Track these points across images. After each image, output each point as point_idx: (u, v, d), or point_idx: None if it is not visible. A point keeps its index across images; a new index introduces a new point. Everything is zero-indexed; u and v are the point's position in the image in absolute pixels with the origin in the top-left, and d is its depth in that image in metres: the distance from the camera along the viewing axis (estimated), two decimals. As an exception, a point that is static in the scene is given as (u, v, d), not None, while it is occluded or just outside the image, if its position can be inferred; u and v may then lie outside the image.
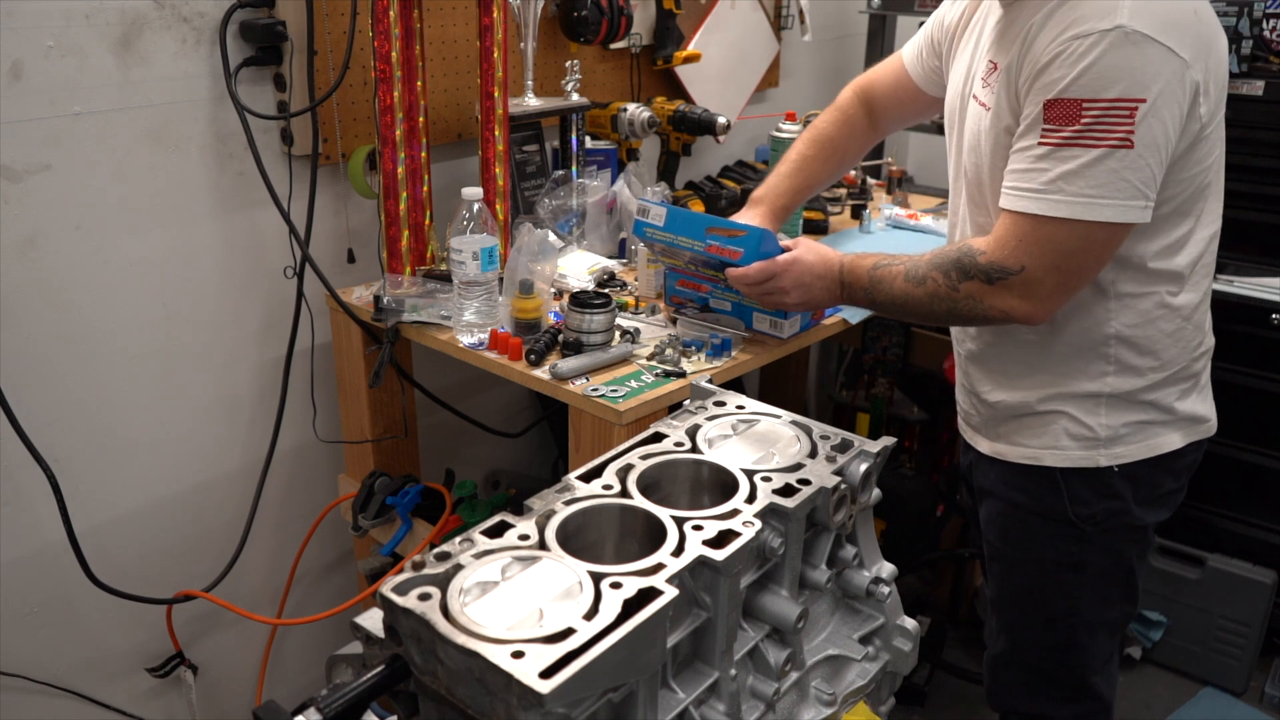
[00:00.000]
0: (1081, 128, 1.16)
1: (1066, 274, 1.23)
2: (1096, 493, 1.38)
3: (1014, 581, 1.52)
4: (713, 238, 1.54)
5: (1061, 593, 1.46)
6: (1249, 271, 2.29)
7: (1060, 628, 1.48)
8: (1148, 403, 1.35)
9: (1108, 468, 1.37)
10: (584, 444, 1.52)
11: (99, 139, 1.58)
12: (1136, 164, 1.15)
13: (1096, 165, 1.16)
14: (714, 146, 2.59)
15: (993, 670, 1.61)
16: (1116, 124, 1.14)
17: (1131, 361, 1.34)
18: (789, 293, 1.48)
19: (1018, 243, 1.23)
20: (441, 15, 1.96)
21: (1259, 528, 2.39)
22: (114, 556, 1.73)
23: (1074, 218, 1.18)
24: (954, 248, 1.32)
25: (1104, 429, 1.36)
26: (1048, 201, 1.19)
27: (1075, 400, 1.36)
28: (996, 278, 1.25)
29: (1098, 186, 1.16)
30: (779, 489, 0.90)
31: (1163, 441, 1.37)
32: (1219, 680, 2.42)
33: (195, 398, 1.81)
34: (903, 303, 1.36)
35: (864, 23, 2.95)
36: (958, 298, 1.29)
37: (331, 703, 0.73)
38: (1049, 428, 1.39)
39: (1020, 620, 1.54)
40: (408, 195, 1.76)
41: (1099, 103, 1.14)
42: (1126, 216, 1.18)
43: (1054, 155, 1.18)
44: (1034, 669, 1.54)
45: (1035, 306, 1.25)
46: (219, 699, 1.98)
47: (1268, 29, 2.20)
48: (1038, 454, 1.40)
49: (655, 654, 0.75)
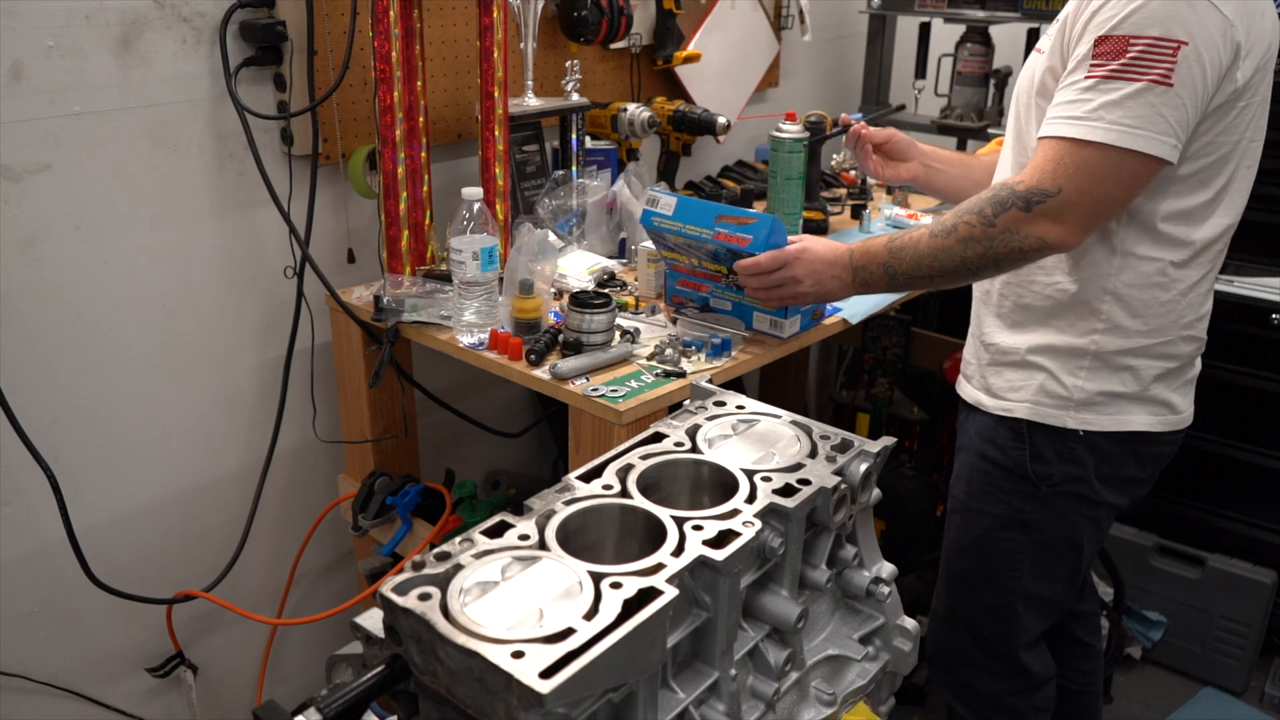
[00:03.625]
0: (1127, 61, 1.22)
1: (1099, 200, 1.27)
2: (1058, 454, 1.44)
3: (966, 533, 1.57)
4: (722, 225, 1.54)
5: (1007, 551, 1.52)
6: (1249, 271, 2.29)
7: (999, 589, 1.54)
8: (1125, 368, 1.40)
9: (1073, 430, 1.42)
10: (584, 444, 1.52)
11: (99, 139, 1.58)
12: (1173, 102, 1.21)
13: (1136, 98, 1.22)
14: (714, 146, 2.59)
15: (934, 630, 1.67)
16: (1158, 60, 1.21)
17: (1120, 321, 1.38)
18: (801, 281, 1.49)
19: (1055, 165, 1.27)
20: (441, 15, 1.96)
21: (1259, 528, 2.39)
22: (114, 556, 1.73)
23: (1110, 143, 1.23)
24: (988, 191, 1.35)
25: (1079, 391, 1.41)
26: (1087, 126, 1.24)
27: (1060, 355, 1.42)
28: (1035, 201, 1.28)
29: (1135, 117, 1.22)
30: (779, 489, 0.90)
31: (1131, 419, 1.42)
32: (1219, 680, 2.42)
33: (195, 398, 1.81)
34: (930, 260, 1.37)
35: (864, 23, 2.95)
36: (994, 233, 1.32)
37: (331, 703, 0.73)
38: (1028, 381, 1.44)
39: (964, 574, 1.59)
40: (408, 195, 1.76)
41: (1143, 39, 1.21)
42: (1158, 150, 1.23)
43: (1099, 87, 1.24)
44: (971, 630, 1.61)
45: (1067, 231, 1.28)
46: (219, 699, 1.99)
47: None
48: (1011, 405, 1.46)
49: (655, 654, 0.75)
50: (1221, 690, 2.41)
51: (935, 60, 2.81)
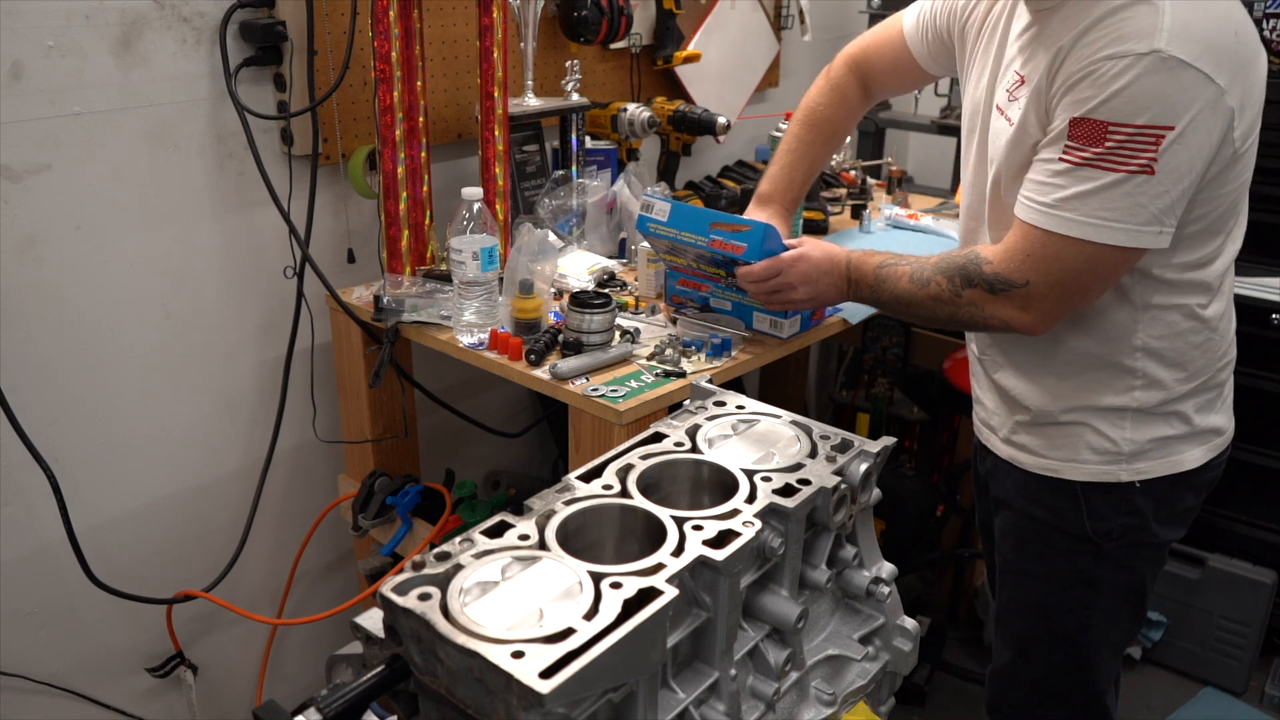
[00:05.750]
0: (1104, 150, 1.13)
1: (1070, 292, 1.22)
2: (1116, 508, 1.36)
3: (1025, 596, 1.49)
4: (716, 233, 1.53)
5: (1072, 610, 1.43)
6: (1249, 271, 2.29)
7: (1067, 645, 1.46)
8: (1173, 414, 1.33)
9: (1129, 483, 1.34)
10: (584, 444, 1.51)
11: (99, 139, 1.58)
12: (1156, 190, 1.13)
13: (1114, 189, 1.14)
14: (714, 146, 2.59)
15: (996, 685, 1.59)
16: (1140, 150, 1.12)
17: (1158, 375, 1.31)
18: (796, 288, 1.48)
19: (1025, 257, 1.22)
20: (441, 15, 1.96)
21: (1259, 528, 2.39)
22: (114, 556, 1.73)
23: (1084, 238, 1.16)
24: (961, 254, 1.31)
25: (1128, 443, 1.33)
26: (1059, 219, 1.18)
27: (1099, 413, 1.34)
28: (1000, 289, 1.25)
29: (1111, 209, 1.14)
30: (779, 489, 0.90)
31: (1185, 457, 1.35)
32: (1219, 680, 2.42)
33: (195, 398, 1.81)
34: (906, 303, 1.36)
35: (864, 23, 2.95)
36: (960, 303, 1.29)
37: (331, 703, 0.72)
38: (1070, 439, 1.36)
39: (1027, 635, 1.51)
40: (408, 195, 1.76)
41: (1126, 128, 1.11)
42: (1138, 241, 1.16)
43: (1073, 174, 1.16)
44: (1039, 684, 1.52)
45: (1035, 319, 1.24)
46: (219, 699, 1.98)
47: (1268, 29, 2.20)
48: (1057, 466, 1.38)
49: (655, 654, 0.75)
50: (1221, 690, 2.41)
51: (935, 60, 2.80)
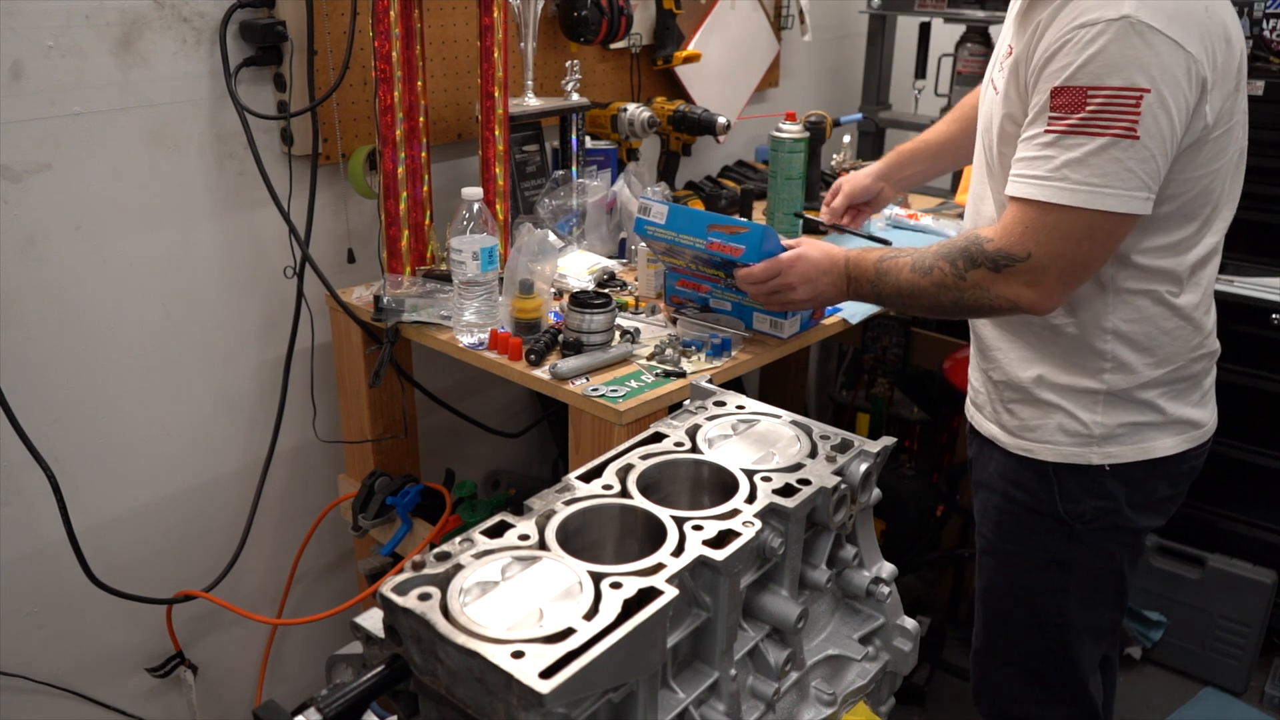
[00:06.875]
0: (1086, 115, 1.16)
1: (1072, 262, 1.23)
2: (1087, 491, 1.39)
3: (1003, 577, 1.52)
4: (714, 235, 1.53)
5: (1048, 591, 1.46)
6: (1249, 271, 2.28)
7: (1048, 630, 1.48)
8: (1143, 402, 1.35)
9: (1099, 466, 1.37)
10: (584, 444, 1.51)
11: (99, 139, 1.58)
12: (1141, 154, 1.16)
13: (1101, 154, 1.16)
14: (714, 146, 2.59)
15: (980, 668, 1.62)
16: (1121, 113, 1.15)
17: (1127, 358, 1.34)
18: (796, 289, 1.48)
19: (1024, 230, 1.23)
20: (441, 15, 1.96)
21: (1259, 528, 2.39)
22: (114, 556, 1.73)
23: (1079, 205, 1.18)
24: (961, 237, 1.32)
25: (1098, 426, 1.36)
26: (1053, 188, 1.19)
27: (1072, 395, 1.37)
28: (1003, 265, 1.25)
29: (1101, 175, 1.17)
30: (779, 489, 0.90)
31: (1156, 445, 1.37)
32: (1219, 680, 2.42)
33: (195, 398, 1.81)
34: (909, 293, 1.36)
35: (864, 23, 2.95)
36: (964, 286, 1.29)
37: (331, 703, 0.72)
38: (1044, 419, 1.39)
39: (1006, 617, 1.54)
40: (408, 195, 1.76)
41: (1103, 90, 1.15)
42: (1130, 207, 1.18)
43: (1059, 143, 1.19)
44: (1023, 668, 1.55)
45: (1041, 295, 1.25)
46: (219, 699, 1.98)
47: (1268, 29, 2.20)
48: (1031, 446, 1.41)
49: (655, 654, 0.75)
50: (1221, 690, 2.41)
51: (935, 60, 2.81)
